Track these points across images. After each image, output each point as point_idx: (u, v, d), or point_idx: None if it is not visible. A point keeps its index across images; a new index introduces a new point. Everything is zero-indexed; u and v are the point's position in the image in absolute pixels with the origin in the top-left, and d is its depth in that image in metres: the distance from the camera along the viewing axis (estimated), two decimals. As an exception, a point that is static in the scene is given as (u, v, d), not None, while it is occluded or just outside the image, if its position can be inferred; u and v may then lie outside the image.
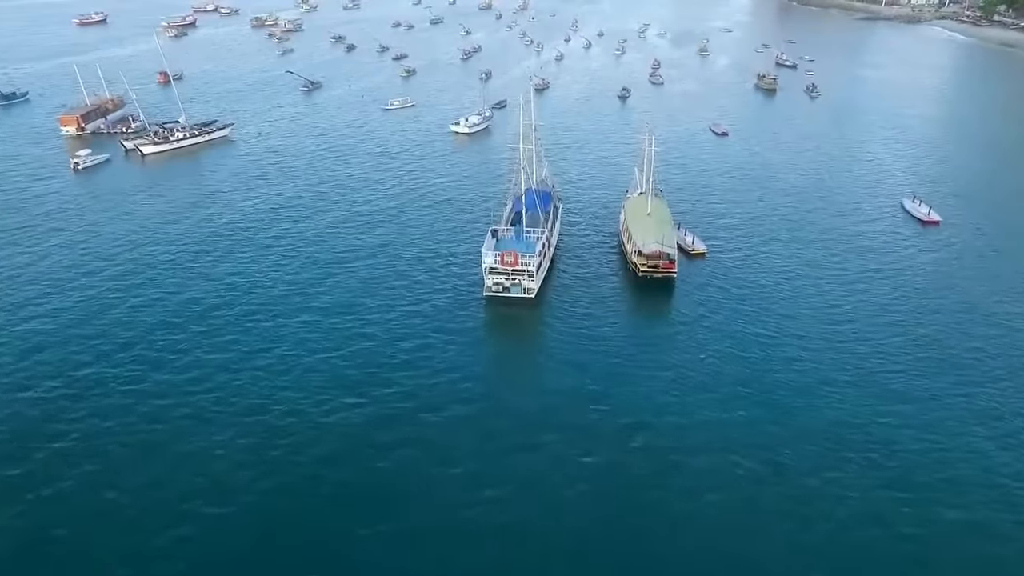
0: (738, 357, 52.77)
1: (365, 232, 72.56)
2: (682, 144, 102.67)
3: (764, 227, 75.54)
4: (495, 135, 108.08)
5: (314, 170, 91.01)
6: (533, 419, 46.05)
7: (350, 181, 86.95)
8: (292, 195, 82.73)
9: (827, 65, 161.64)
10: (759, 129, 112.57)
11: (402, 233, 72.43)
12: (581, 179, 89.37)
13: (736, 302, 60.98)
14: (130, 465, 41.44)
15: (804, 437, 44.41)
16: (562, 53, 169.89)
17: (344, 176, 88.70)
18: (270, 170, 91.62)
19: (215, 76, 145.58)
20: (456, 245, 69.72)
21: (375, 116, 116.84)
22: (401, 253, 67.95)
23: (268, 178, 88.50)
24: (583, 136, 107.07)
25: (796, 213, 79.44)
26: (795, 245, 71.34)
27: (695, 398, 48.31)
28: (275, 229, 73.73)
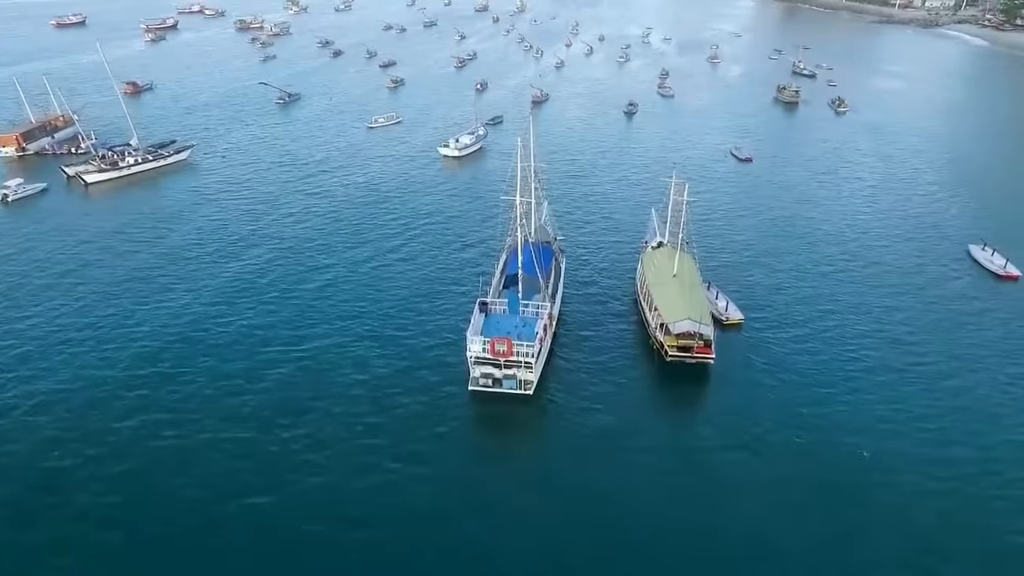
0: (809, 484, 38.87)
1: (323, 299, 57.56)
2: (702, 173, 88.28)
3: (811, 287, 61.20)
4: (489, 158, 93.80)
5: (276, 208, 76.10)
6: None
7: (316, 225, 71.63)
8: (245, 242, 68.09)
9: (847, 74, 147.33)
10: (787, 153, 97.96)
11: (367, 302, 57.33)
12: (586, 220, 74.68)
13: (792, 393, 47.00)
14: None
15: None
16: (562, 60, 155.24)
17: (311, 217, 73.58)
18: (227, 206, 77.05)
19: (188, 86, 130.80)
20: (435, 317, 55.08)
21: (356, 136, 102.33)
22: (363, 332, 53.14)
23: (222, 218, 73.85)
24: (586, 163, 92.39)
25: (848, 268, 64.90)
26: (852, 315, 56.93)
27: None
28: (212, 293, 59.44)
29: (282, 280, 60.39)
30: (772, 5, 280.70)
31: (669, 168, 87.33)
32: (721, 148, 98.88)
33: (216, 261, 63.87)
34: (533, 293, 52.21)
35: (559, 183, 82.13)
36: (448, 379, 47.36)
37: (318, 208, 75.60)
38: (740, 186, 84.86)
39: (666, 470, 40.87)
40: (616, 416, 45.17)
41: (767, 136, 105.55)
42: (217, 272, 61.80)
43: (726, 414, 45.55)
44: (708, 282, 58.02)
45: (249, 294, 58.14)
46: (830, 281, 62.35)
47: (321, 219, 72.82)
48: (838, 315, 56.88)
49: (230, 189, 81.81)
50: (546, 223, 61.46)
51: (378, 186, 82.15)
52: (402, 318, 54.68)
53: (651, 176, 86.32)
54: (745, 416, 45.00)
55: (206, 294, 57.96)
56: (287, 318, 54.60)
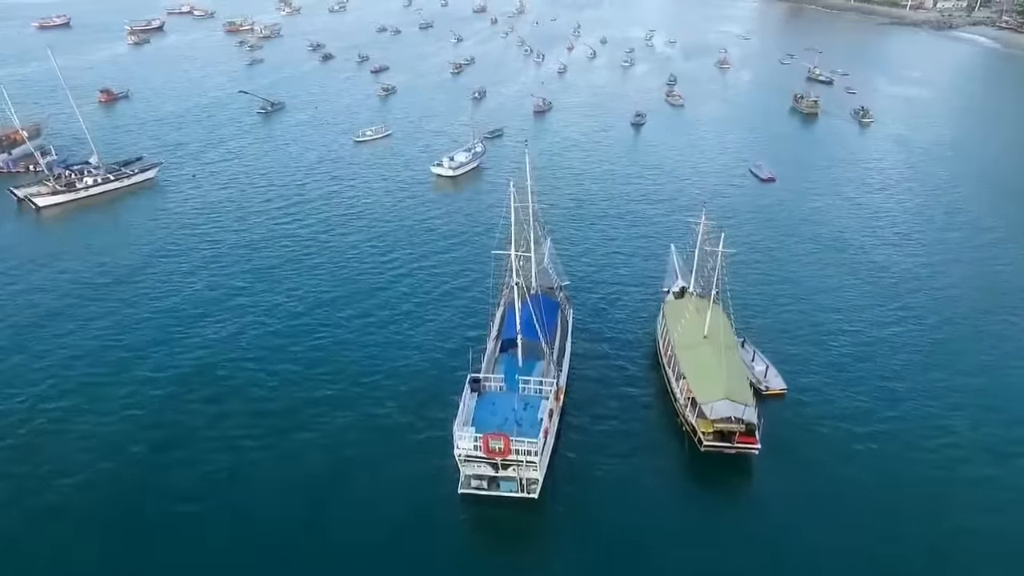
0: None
1: (286, 360, 48.13)
2: (720, 196, 78.70)
3: (866, 348, 51.23)
4: (487, 177, 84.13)
5: (243, 242, 66.18)
6: None
7: (287, 266, 61.55)
8: (202, 288, 58.20)
9: (866, 80, 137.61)
10: (813, 172, 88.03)
11: (333, 368, 47.17)
12: (594, 257, 64.65)
13: (855, 499, 37.61)
14: None
15: None
16: (564, 65, 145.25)
17: (281, 254, 63.56)
18: (193, 235, 67.39)
19: (166, 94, 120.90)
20: (419, 395, 44.85)
21: (342, 151, 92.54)
22: (324, 422, 42.77)
23: (178, 254, 64.03)
24: (593, 185, 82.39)
25: (907, 321, 55.09)
26: (921, 392, 47.21)
27: None
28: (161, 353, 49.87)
29: (236, 332, 50.86)
30: (776, 5, 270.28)
31: (686, 191, 79.01)
32: (739, 166, 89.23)
33: (174, 311, 54.34)
34: (535, 361, 42.85)
35: (563, 211, 72.63)
36: (431, 475, 37.82)
37: (292, 242, 65.65)
38: (764, 211, 75.17)
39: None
40: (640, 523, 35.88)
41: (788, 152, 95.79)
42: (152, 327, 52.20)
43: (774, 528, 36.11)
44: (743, 339, 48.57)
45: (189, 348, 48.75)
46: (890, 343, 52.09)
47: (294, 255, 62.86)
48: (905, 387, 47.22)
49: (195, 217, 72.01)
50: (548, 265, 51.92)
51: (361, 214, 72.17)
52: (378, 392, 44.91)
53: (666, 201, 76.88)
54: (797, 533, 35.62)
55: (127, 349, 48.47)
56: (237, 386, 45.14)
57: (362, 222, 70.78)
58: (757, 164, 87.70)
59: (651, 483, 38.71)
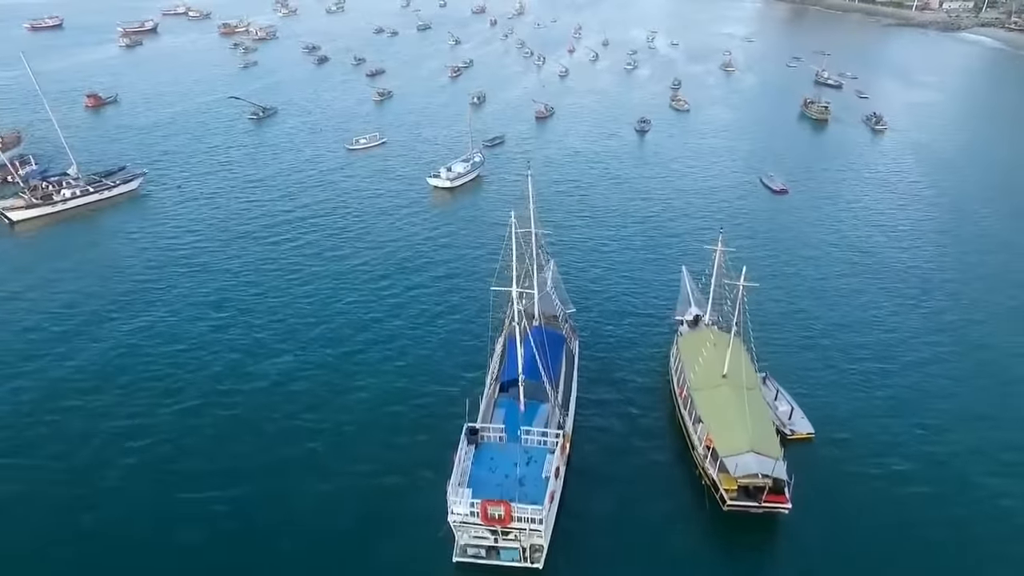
0: None
1: (263, 417, 43.52)
2: (731, 209, 74.45)
3: (901, 386, 46.79)
4: (487, 189, 79.84)
5: (226, 260, 61.74)
6: None
7: (271, 292, 56.60)
8: (174, 319, 53.94)
9: (876, 84, 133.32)
10: (827, 184, 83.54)
11: (319, 414, 42.74)
12: (599, 278, 60.03)
13: (897, 552, 33.39)
14: None
15: None
16: (566, 68, 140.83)
17: (266, 279, 58.79)
18: (172, 256, 62.86)
19: (156, 99, 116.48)
20: (411, 449, 40.04)
21: (334, 161, 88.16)
22: (308, 456, 39.18)
23: (162, 269, 59.80)
24: (598, 198, 77.71)
25: (945, 354, 50.56)
26: (963, 427, 42.99)
27: None
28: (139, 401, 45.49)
29: (210, 365, 46.50)
30: (777, 6, 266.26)
31: (695, 204, 74.24)
32: (749, 176, 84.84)
33: (150, 342, 49.94)
34: (539, 404, 38.54)
35: (566, 228, 68.21)
36: (423, 541, 33.48)
37: (278, 267, 60.68)
38: (778, 227, 70.75)
39: None
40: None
41: (800, 161, 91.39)
42: (107, 361, 47.77)
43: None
44: (764, 374, 44.27)
45: (157, 384, 44.39)
46: (928, 375, 47.89)
47: (279, 283, 57.79)
48: (949, 423, 43.01)
49: (177, 233, 67.54)
50: (552, 291, 47.60)
51: (352, 233, 67.41)
52: (364, 442, 40.46)
53: (675, 217, 72.43)
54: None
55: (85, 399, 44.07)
56: (210, 436, 40.75)
57: (353, 242, 65.88)
58: (768, 175, 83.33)
59: (669, 547, 34.38)
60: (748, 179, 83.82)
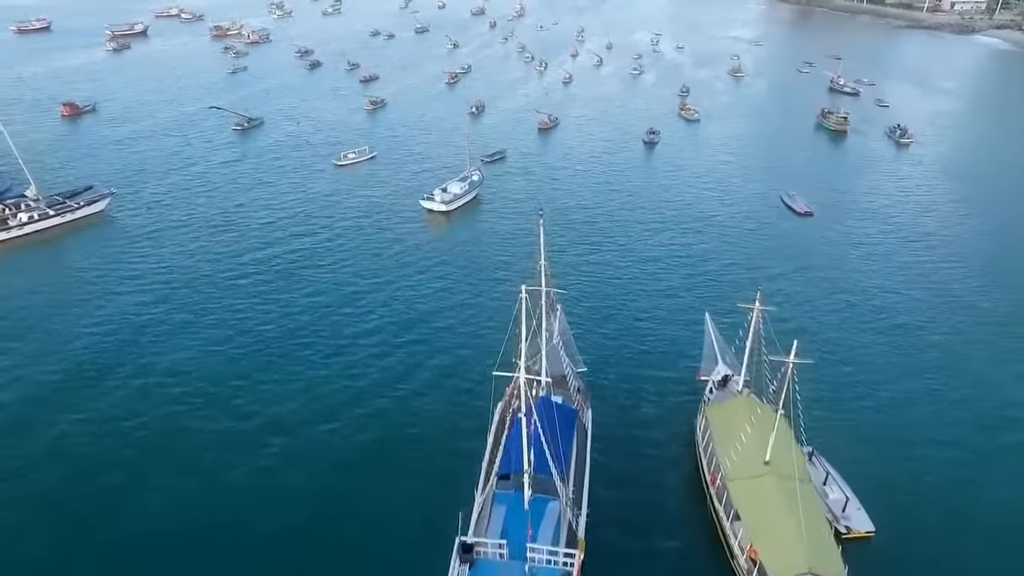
0: None
1: (230, 493, 36.84)
2: (752, 236, 67.21)
3: (968, 455, 39.70)
4: (487, 211, 72.58)
5: (193, 301, 54.49)
6: None
7: (236, 341, 49.55)
8: (128, 372, 46.91)
9: (894, 91, 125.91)
10: (854, 205, 75.90)
11: (286, 502, 36.14)
12: (611, 327, 51.81)
13: None
14: None
15: None
16: (570, 74, 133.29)
17: (236, 324, 51.40)
18: (135, 290, 55.73)
19: (136, 108, 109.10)
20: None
21: (321, 178, 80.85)
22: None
23: (122, 304, 52.62)
24: (607, 224, 70.02)
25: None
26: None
27: None
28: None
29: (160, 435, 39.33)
30: (781, 7, 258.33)
31: (713, 229, 65.81)
32: (769, 195, 77.48)
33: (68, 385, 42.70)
34: (547, 502, 31.42)
35: (572, 260, 60.96)
36: None
37: (249, 309, 53.20)
38: (806, 256, 63.34)
39: None
40: None
41: (821, 178, 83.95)
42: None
43: None
44: (811, 449, 37.06)
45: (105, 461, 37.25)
46: (1003, 448, 40.86)
47: (246, 331, 50.36)
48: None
49: (142, 262, 60.42)
50: (559, 344, 40.47)
51: (335, 267, 59.75)
52: (334, 547, 33.43)
53: (693, 248, 64.83)
54: None
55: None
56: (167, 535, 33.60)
57: (335, 279, 58.01)
58: (790, 194, 76.00)
59: None
60: (768, 199, 76.50)
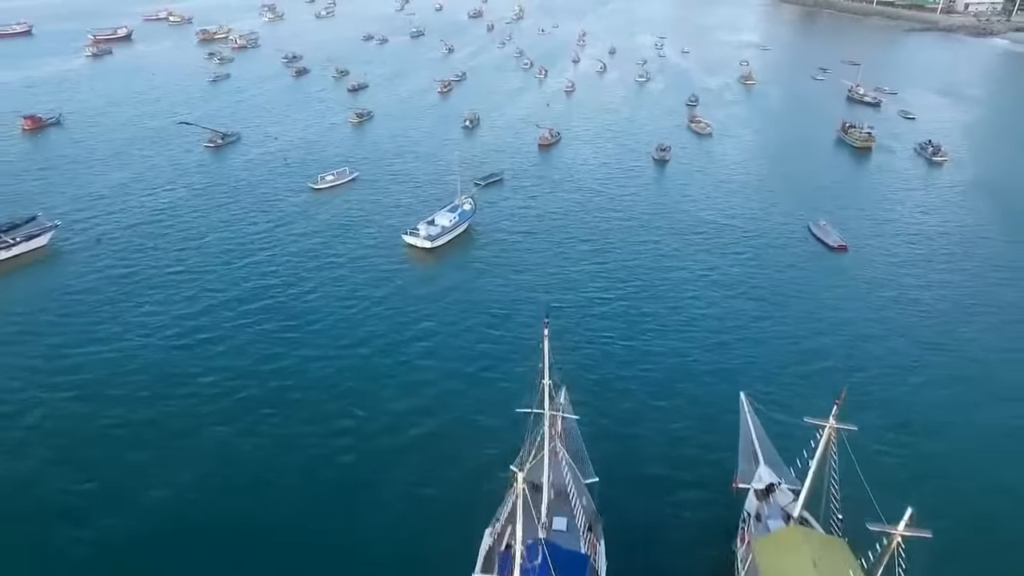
0: None
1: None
2: (782, 277, 57.86)
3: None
4: (479, 248, 63.23)
5: (138, 358, 45.39)
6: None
7: (183, 419, 40.87)
8: (51, 450, 37.85)
9: (918, 100, 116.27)
10: (892, 238, 66.03)
11: None
12: (622, 414, 41.77)
13: None
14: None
15: None
16: (572, 83, 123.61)
17: (187, 397, 42.34)
18: (73, 341, 46.75)
19: (104, 121, 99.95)
20: None
21: (295, 204, 71.46)
22: None
23: (56, 357, 43.59)
24: (614, 260, 60.72)
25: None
26: None
27: None
28: None
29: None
30: (785, 8, 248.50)
31: (738, 269, 55.94)
32: (795, 225, 67.95)
33: None
34: None
35: (574, 315, 51.71)
36: None
37: (202, 371, 44.19)
38: (849, 303, 53.80)
39: None
40: None
41: (850, 204, 74.20)
42: None
43: None
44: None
45: None
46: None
47: (197, 406, 41.47)
48: None
49: (85, 307, 51.49)
50: (562, 448, 31.50)
51: (299, 325, 49.91)
52: None
53: (716, 292, 55.35)
54: None
55: None
56: None
57: (301, 339, 48.14)
58: (819, 224, 66.68)
59: None
60: (795, 230, 67.07)
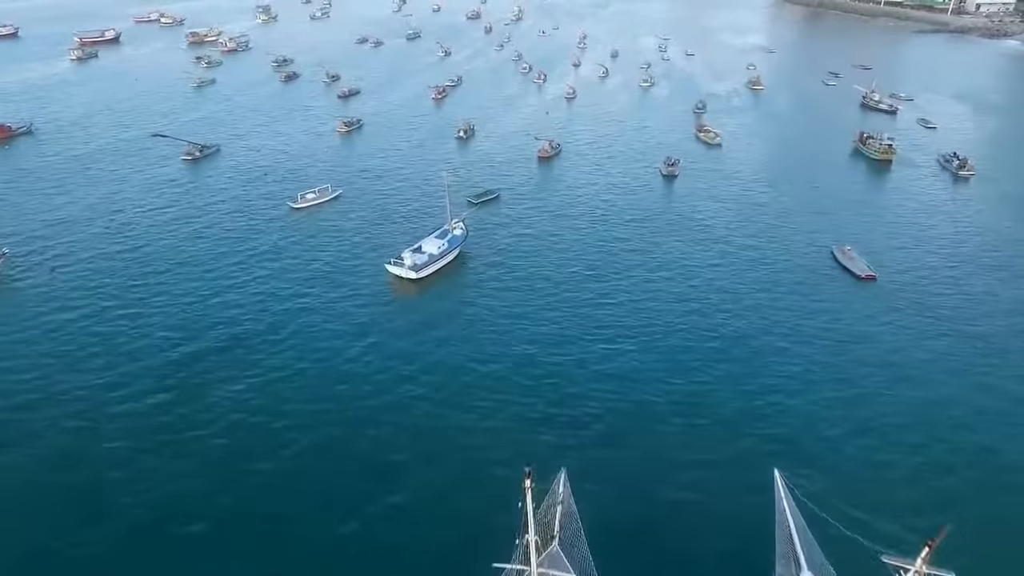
0: None
1: None
2: (806, 315, 51.20)
3: None
4: (470, 278, 56.65)
5: (88, 408, 39.57)
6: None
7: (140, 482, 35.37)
8: None
9: (937, 108, 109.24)
10: (923, 265, 59.14)
11: None
12: (632, 498, 35.08)
13: None
14: None
15: None
16: (573, 88, 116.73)
17: (140, 456, 37.16)
18: (13, 396, 40.67)
19: (78, 131, 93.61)
20: None
21: (273, 226, 64.86)
22: None
23: None
24: (622, 297, 53.81)
25: None
26: None
27: None
28: None
29: None
30: (789, 8, 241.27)
31: (757, 307, 48.58)
32: (818, 252, 61.15)
33: None
34: None
35: (577, 362, 45.28)
36: None
37: (153, 432, 38.64)
38: (883, 349, 47.23)
39: None
40: None
41: (874, 226, 67.19)
42: None
43: None
44: None
45: None
46: None
47: (151, 471, 35.82)
48: None
49: (30, 348, 45.28)
50: (559, 552, 25.49)
51: (269, 377, 43.59)
52: None
53: (738, 339, 48.42)
54: None
55: None
56: None
57: (262, 407, 42.33)
58: (844, 249, 60.07)
59: None
60: (818, 256, 60.40)
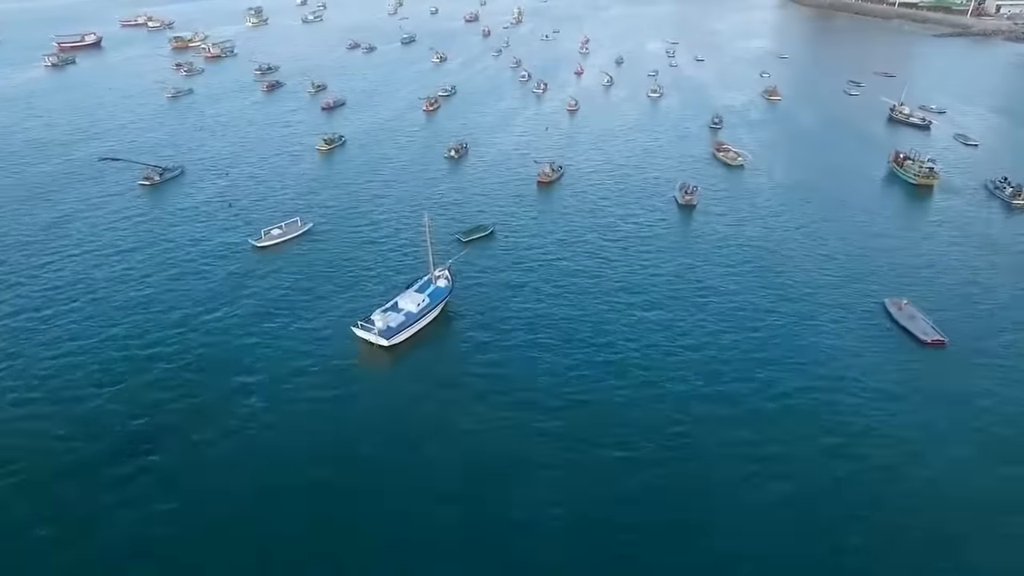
0: None
1: None
2: (865, 398, 41.08)
3: None
4: (456, 342, 46.29)
5: None
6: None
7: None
8: None
9: (974, 122, 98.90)
10: (998, 330, 47.67)
11: None
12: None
13: None
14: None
15: None
16: (575, 100, 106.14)
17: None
18: None
19: (34, 151, 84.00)
20: None
21: (228, 272, 54.43)
22: None
23: None
24: (639, 384, 42.55)
25: None
26: None
27: None
28: None
29: None
30: (797, 9, 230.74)
31: (803, 389, 37.13)
32: (868, 306, 50.83)
33: None
34: None
35: (590, 472, 35.16)
36: None
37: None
38: (979, 444, 37.42)
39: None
40: None
41: (926, 271, 56.59)
42: None
43: None
44: None
45: None
46: None
47: None
48: None
49: None
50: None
51: (215, 480, 34.35)
52: None
53: (774, 435, 38.16)
54: None
55: None
56: None
57: (177, 537, 33.45)
58: (900, 304, 49.66)
59: None
60: (870, 315, 49.95)
